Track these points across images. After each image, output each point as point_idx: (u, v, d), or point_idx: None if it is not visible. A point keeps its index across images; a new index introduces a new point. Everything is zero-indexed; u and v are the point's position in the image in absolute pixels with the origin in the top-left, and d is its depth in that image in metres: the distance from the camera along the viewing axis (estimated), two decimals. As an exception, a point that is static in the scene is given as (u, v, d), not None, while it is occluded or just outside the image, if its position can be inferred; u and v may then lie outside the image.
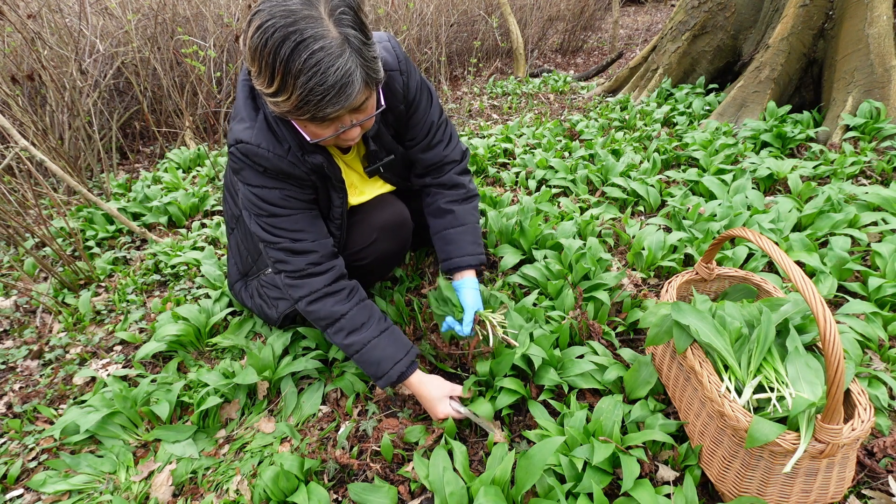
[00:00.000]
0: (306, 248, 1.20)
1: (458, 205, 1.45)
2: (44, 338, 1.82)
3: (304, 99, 0.88)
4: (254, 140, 1.08)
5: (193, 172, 3.16)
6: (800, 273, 0.87)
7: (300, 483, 1.16)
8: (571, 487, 1.04)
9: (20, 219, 2.29)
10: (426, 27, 5.25)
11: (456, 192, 1.46)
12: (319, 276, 1.22)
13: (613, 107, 3.77)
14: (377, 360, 1.22)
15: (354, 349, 1.22)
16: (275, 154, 1.09)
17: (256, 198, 1.15)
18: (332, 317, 1.22)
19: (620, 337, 1.54)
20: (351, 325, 1.22)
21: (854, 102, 2.60)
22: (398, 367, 1.22)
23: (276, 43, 0.83)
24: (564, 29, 7.02)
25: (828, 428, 0.86)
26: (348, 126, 1.01)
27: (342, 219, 1.31)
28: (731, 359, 1.05)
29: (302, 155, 1.12)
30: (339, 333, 1.23)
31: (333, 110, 0.92)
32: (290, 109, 0.92)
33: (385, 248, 1.40)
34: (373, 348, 1.22)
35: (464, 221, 1.44)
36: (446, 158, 1.42)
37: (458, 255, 1.41)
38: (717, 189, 2.17)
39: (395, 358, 1.23)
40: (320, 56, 0.85)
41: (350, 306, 1.23)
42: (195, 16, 3.94)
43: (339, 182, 1.23)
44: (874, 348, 1.35)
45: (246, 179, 1.14)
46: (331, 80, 0.87)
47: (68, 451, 1.34)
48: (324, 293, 1.22)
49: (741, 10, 3.51)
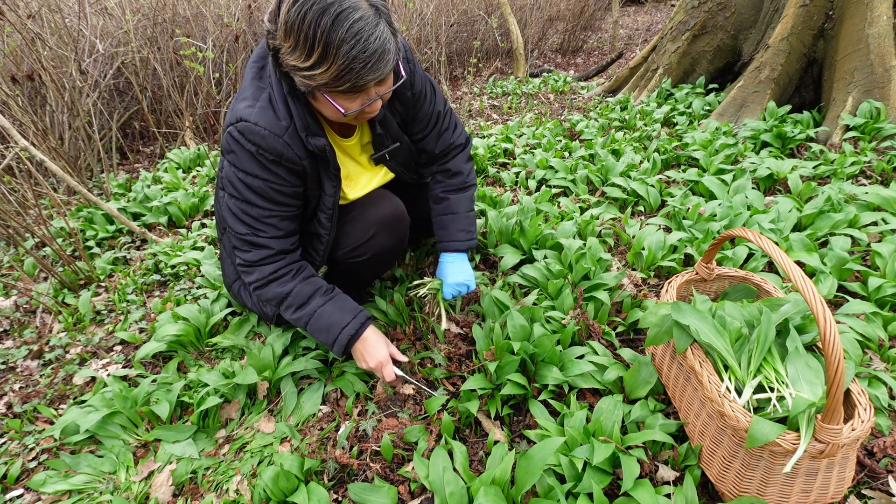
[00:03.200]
0: (264, 244, 1.24)
1: (454, 194, 1.53)
2: (44, 338, 1.82)
3: (347, 67, 0.93)
4: (252, 118, 1.09)
5: (193, 172, 3.16)
6: (800, 273, 0.87)
7: (300, 483, 1.16)
8: (571, 487, 1.04)
9: (20, 219, 2.29)
10: (426, 27, 5.25)
11: (455, 180, 1.53)
12: (268, 265, 1.26)
13: (613, 107, 3.77)
14: (326, 328, 1.27)
15: (304, 321, 1.28)
16: (271, 133, 1.10)
17: (239, 181, 1.17)
18: (278, 296, 1.27)
19: (620, 337, 1.54)
20: (298, 301, 1.27)
21: (854, 102, 2.60)
22: (347, 331, 1.27)
23: (316, 15, 0.88)
24: (564, 29, 7.02)
25: (828, 428, 0.86)
26: (374, 98, 1.05)
27: (334, 209, 1.30)
28: (731, 359, 1.05)
29: (306, 136, 1.13)
30: (288, 310, 1.29)
31: (373, 77, 0.96)
32: (328, 80, 0.96)
33: (383, 244, 1.41)
34: (320, 317, 1.27)
35: (455, 210, 1.52)
36: (453, 144, 1.51)
37: (447, 240, 1.53)
38: (717, 189, 2.17)
39: (343, 322, 1.28)
40: (361, 25, 0.90)
41: (295, 283, 1.27)
42: (195, 16, 3.94)
43: (335, 169, 1.24)
44: (874, 348, 1.35)
45: (235, 161, 1.15)
46: (372, 48, 0.92)
47: (68, 451, 1.34)
48: (270, 279, 1.27)
49: (741, 10, 3.51)
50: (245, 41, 4.11)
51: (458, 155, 1.53)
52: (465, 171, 1.53)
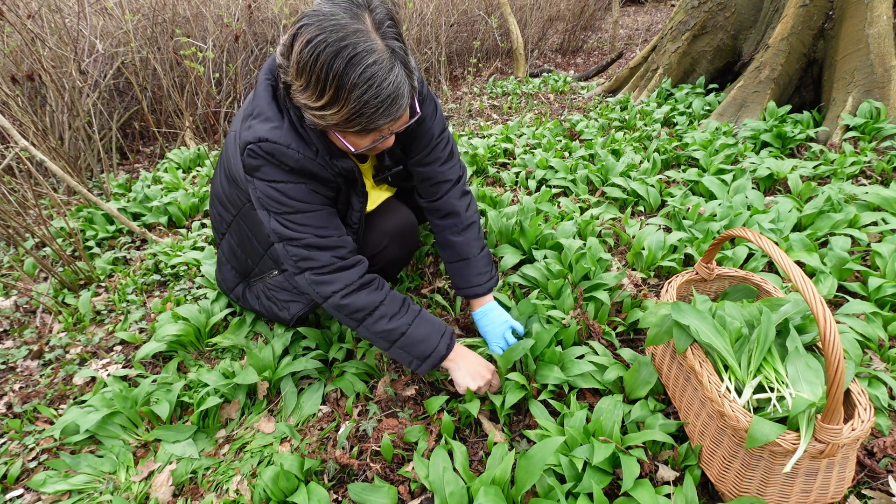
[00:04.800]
0: (332, 244, 1.18)
1: (458, 236, 1.45)
2: (44, 338, 1.82)
3: (358, 112, 0.91)
4: (282, 140, 1.06)
5: (193, 172, 3.15)
6: (800, 273, 0.87)
7: (300, 483, 1.16)
8: (571, 487, 1.04)
9: (20, 219, 2.29)
10: (426, 27, 5.24)
11: (452, 220, 1.45)
12: (350, 269, 1.20)
13: (613, 107, 3.77)
14: (423, 338, 1.23)
15: (399, 332, 1.22)
16: (304, 156, 1.08)
17: (279, 193, 1.11)
18: (370, 306, 1.20)
19: (620, 337, 1.54)
20: (391, 311, 1.22)
21: (854, 102, 2.60)
22: (444, 341, 1.25)
23: (329, 57, 0.85)
24: (564, 29, 7.02)
25: (828, 428, 0.86)
26: (386, 136, 1.05)
27: (360, 223, 1.30)
28: (731, 359, 1.05)
29: (330, 159, 1.11)
30: (381, 320, 1.21)
31: (385, 122, 0.95)
32: (338, 122, 0.94)
33: (395, 254, 1.42)
34: (416, 327, 1.23)
35: (465, 255, 1.45)
36: (441, 177, 1.40)
37: (465, 287, 1.46)
38: (717, 189, 2.17)
39: (440, 332, 1.25)
40: (374, 70, 0.87)
41: (385, 293, 1.23)
42: (195, 16, 3.94)
43: (362, 187, 1.24)
44: (874, 348, 1.35)
45: (266, 176, 1.10)
46: (385, 93, 0.90)
47: (68, 451, 1.34)
48: (359, 285, 1.20)
49: (741, 10, 3.51)
50: (245, 41, 4.11)
51: (447, 192, 1.42)
52: (459, 211, 1.43)
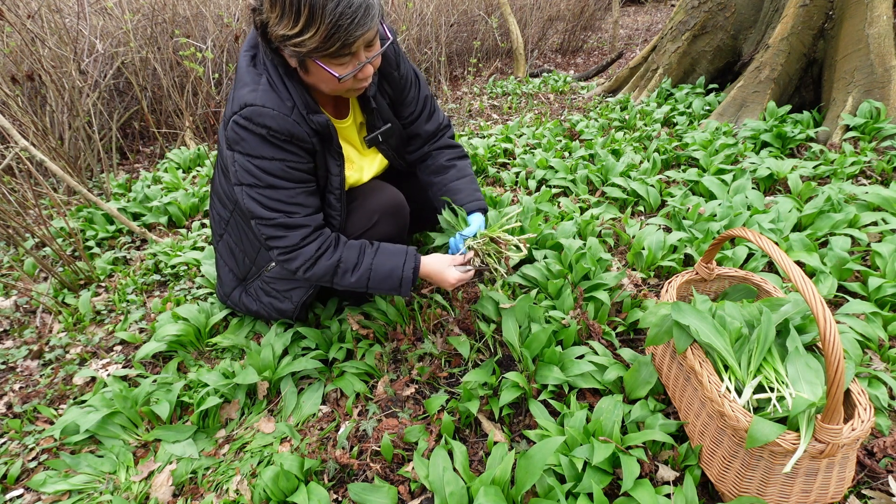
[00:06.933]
0: (300, 223, 1.24)
1: (459, 160, 1.59)
2: (44, 338, 1.82)
3: (335, 25, 0.96)
4: (258, 100, 1.11)
5: (193, 172, 3.16)
6: (800, 273, 0.87)
7: (300, 483, 1.16)
8: (571, 487, 1.04)
9: (20, 219, 2.29)
10: (426, 27, 5.24)
11: (453, 150, 1.60)
12: (309, 244, 1.26)
13: (613, 107, 3.77)
14: (389, 273, 1.30)
15: (364, 279, 1.29)
16: (279, 112, 1.12)
17: (257, 168, 1.17)
18: (330, 268, 1.28)
19: (620, 337, 1.54)
20: (350, 264, 1.29)
21: (854, 102, 2.60)
22: (408, 266, 1.30)
23: None
24: (564, 29, 7.02)
25: (828, 428, 0.86)
26: (364, 62, 1.10)
27: (341, 189, 1.33)
28: (731, 359, 1.05)
29: (307, 114, 1.16)
30: (345, 276, 1.29)
31: (361, 31, 1.00)
32: (318, 44, 0.99)
33: (387, 231, 1.44)
34: (379, 267, 1.30)
35: (465, 173, 1.56)
36: (441, 125, 1.59)
37: (468, 201, 1.50)
38: (717, 189, 2.17)
39: (401, 261, 1.31)
40: None
41: (340, 250, 1.29)
42: (195, 16, 3.93)
43: (337, 146, 1.27)
44: (874, 348, 1.35)
45: (246, 150, 1.16)
46: (356, 3, 0.96)
47: (68, 451, 1.34)
48: (316, 258, 1.27)
49: (741, 10, 3.51)
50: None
51: (446, 133, 1.61)
52: (457, 145, 1.62)
